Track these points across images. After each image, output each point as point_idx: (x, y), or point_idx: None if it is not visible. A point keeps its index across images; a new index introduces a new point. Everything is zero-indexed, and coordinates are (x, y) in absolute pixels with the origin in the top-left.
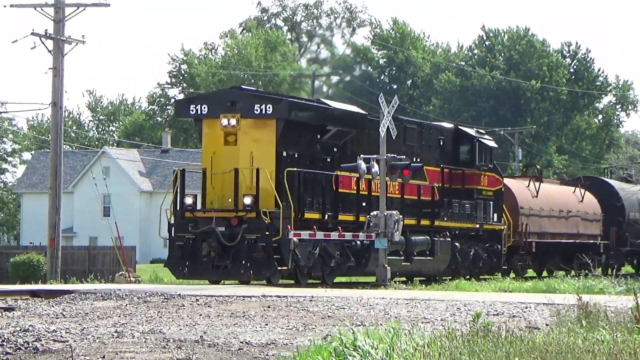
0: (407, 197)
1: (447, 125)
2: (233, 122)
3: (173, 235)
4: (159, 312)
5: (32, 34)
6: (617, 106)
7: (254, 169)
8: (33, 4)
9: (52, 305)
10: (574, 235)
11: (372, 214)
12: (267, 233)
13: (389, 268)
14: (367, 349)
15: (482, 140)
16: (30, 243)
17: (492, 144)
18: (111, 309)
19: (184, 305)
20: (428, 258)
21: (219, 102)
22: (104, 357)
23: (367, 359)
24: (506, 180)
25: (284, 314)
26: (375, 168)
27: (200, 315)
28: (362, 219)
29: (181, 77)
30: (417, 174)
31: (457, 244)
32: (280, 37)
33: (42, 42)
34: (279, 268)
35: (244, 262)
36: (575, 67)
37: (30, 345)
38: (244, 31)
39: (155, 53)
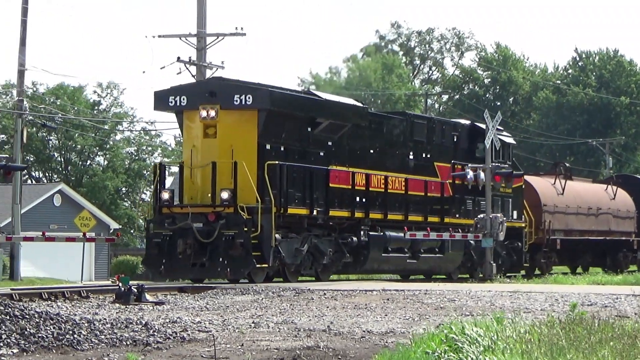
0: (411, 193)
1: (463, 121)
2: (212, 113)
3: (151, 231)
4: (291, 305)
5: (178, 60)
6: None
7: (233, 162)
8: (178, 34)
9: (197, 300)
10: (605, 232)
11: (479, 216)
12: (245, 229)
13: (494, 264)
14: (475, 336)
15: (500, 136)
16: None
17: (510, 140)
18: (249, 303)
19: (313, 299)
20: (437, 255)
21: (199, 92)
22: (242, 345)
23: (474, 345)
24: (529, 178)
25: (401, 305)
26: (482, 176)
27: (327, 307)
28: (358, 214)
29: None
30: (428, 169)
31: (472, 241)
32: (396, 60)
33: (187, 68)
34: (258, 265)
35: (221, 259)
36: None
37: (178, 335)
38: (364, 56)
39: (286, 76)
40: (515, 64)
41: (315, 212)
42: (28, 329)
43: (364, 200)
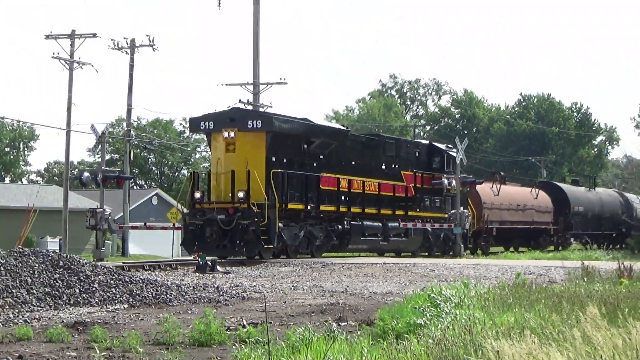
0: (382, 194)
1: (424, 141)
2: (232, 134)
3: (187, 221)
4: (319, 274)
5: (239, 102)
6: (606, 142)
7: (247, 171)
8: (240, 83)
9: (253, 270)
10: (530, 223)
11: (452, 211)
12: (255, 219)
13: (462, 245)
14: (448, 296)
15: (450, 152)
16: None
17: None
18: (289, 272)
19: (334, 269)
20: (403, 239)
21: (222, 119)
22: (285, 302)
23: (448, 302)
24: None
25: (397, 274)
26: (454, 183)
27: (345, 275)
28: (342, 209)
29: None
30: (396, 176)
31: (429, 229)
32: (393, 101)
33: (245, 107)
34: (266, 246)
35: (238, 242)
36: (579, 117)
37: (240, 295)
38: (371, 98)
39: (316, 111)
40: (478, 104)
41: (309, 207)
42: (134, 291)
43: (346, 198)
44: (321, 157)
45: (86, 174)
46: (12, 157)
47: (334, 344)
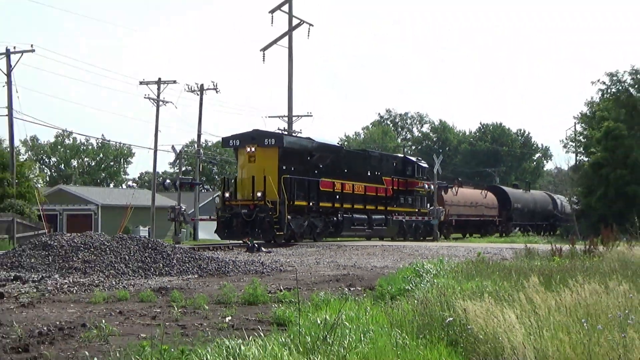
0: (368, 194)
1: (400, 155)
2: (253, 149)
3: (219, 214)
4: (335, 252)
5: (278, 129)
6: (543, 157)
7: (264, 176)
8: (278, 115)
9: (288, 250)
10: (480, 216)
11: (431, 208)
12: (270, 213)
13: (438, 232)
14: (428, 268)
15: (420, 163)
16: None
17: (425, 164)
18: (314, 251)
19: (346, 249)
20: (384, 227)
21: (245, 138)
22: (310, 273)
23: (428, 274)
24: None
25: (391, 253)
26: (432, 187)
27: (354, 254)
28: (336, 205)
29: None
30: (378, 180)
31: (403, 220)
32: (388, 128)
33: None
34: (277, 233)
35: (257, 230)
36: (523, 139)
37: (277, 267)
38: (372, 126)
39: (333, 135)
40: (449, 130)
41: (311, 204)
42: (202, 265)
43: (340, 197)
44: (321, 166)
45: (168, 181)
46: (115, 168)
47: (346, 303)
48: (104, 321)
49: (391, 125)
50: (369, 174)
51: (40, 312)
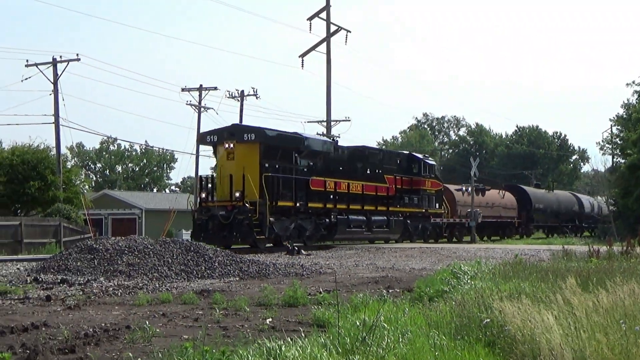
0: (366, 193)
1: (405, 152)
2: (231, 145)
3: (195, 217)
4: (374, 255)
5: (317, 133)
6: (579, 160)
7: (242, 175)
8: (318, 120)
9: (327, 253)
10: (498, 217)
11: (468, 210)
12: (249, 215)
13: (476, 235)
14: (466, 270)
15: (426, 160)
16: None
17: (432, 162)
18: (353, 254)
19: (385, 252)
20: (385, 229)
21: (223, 133)
22: (350, 275)
23: (466, 275)
24: (449, 186)
25: (429, 255)
26: (469, 189)
27: (392, 256)
28: (329, 206)
29: None
30: (379, 179)
31: (408, 221)
32: (425, 132)
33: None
34: (258, 237)
35: (235, 233)
36: (559, 142)
37: (317, 270)
38: (409, 129)
39: (371, 139)
40: (486, 133)
41: (298, 204)
42: (243, 268)
43: (334, 197)
44: (311, 163)
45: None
46: (158, 174)
47: (384, 304)
48: (147, 323)
49: (428, 129)
50: (368, 171)
51: (86, 314)
